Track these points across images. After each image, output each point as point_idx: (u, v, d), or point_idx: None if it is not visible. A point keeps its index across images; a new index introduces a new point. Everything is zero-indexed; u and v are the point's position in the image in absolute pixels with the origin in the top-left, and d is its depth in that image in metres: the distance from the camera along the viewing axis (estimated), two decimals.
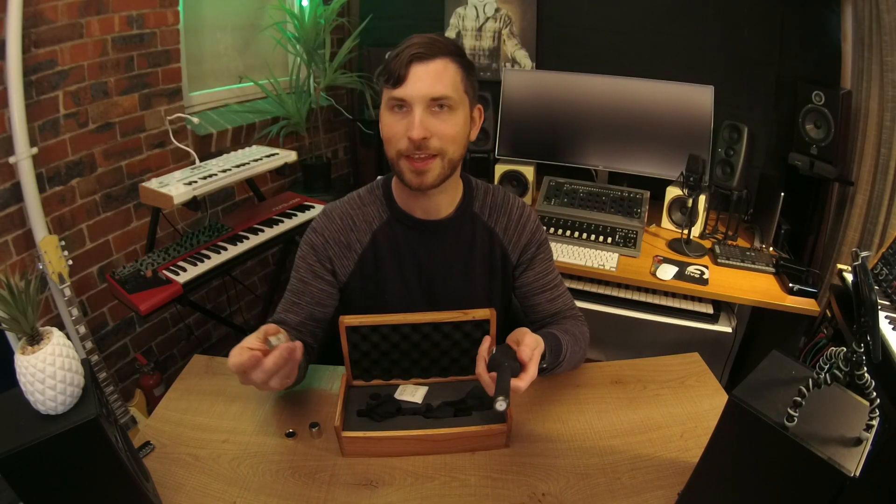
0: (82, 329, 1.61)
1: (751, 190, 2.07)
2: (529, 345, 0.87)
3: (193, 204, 1.72)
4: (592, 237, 2.00)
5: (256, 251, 1.88)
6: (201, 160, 2.01)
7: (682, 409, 1.04)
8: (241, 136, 2.35)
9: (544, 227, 1.18)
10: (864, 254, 0.66)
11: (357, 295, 1.12)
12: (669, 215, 2.13)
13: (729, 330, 1.82)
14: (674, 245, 2.00)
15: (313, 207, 2.12)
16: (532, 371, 0.85)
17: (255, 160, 1.98)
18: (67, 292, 1.56)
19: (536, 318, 1.18)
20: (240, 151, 2.09)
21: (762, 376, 0.72)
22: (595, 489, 0.88)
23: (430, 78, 0.92)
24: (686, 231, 1.97)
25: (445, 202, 1.08)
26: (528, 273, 1.15)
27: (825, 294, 1.82)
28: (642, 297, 1.91)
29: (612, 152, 2.22)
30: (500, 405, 0.76)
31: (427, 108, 0.93)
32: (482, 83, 1.07)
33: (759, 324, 1.90)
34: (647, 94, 2.11)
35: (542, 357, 0.92)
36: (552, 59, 2.48)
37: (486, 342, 0.89)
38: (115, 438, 0.73)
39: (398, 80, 0.92)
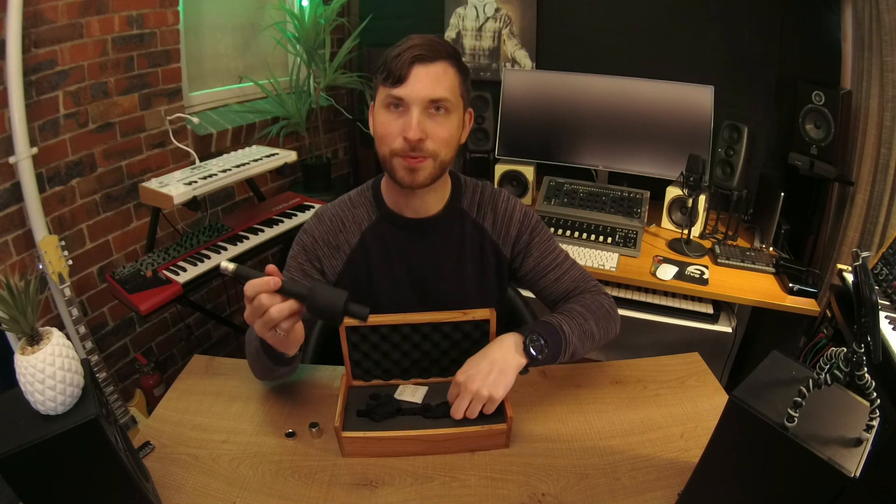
0: (82, 329, 1.61)
1: (751, 190, 2.07)
2: (451, 393, 0.97)
3: (193, 204, 1.72)
4: (592, 237, 2.00)
5: (256, 251, 1.88)
6: (201, 160, 2.01)
7: (682, 409, 1.04)
8: (241, 136, 2.35)
9: (533, 212, 1.17)
10: (864, 254, 0.66)
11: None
12: (669, 215, 2.13)
13: (729, 330, 1.82)
14: (674, 245, 2.00)
15: (313, 207, 2.12)
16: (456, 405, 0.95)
17: (255, 160, 1.99)
18: (67, 292, 1.56)
19: (549, 302, 1.17)
20: (240, 151, 2.09)
21: (762, 376, 0.72)
22: (595, 489, 0.88)
23: (430, 80, 0.93)
24: (686, 231, 1.97)
25: (434, 200, 1.08)
26: (527, 260, 1.14)
27: (825, 294, 1.82)
28: (642, 297, 1.91)
29: (611, 152, 2.22)
30: None
31: (424, 109, 0.94)
32: (482, 83, 1.08)
33: (759, 324, 1.90)
34: (647, 94, 2.11)
35: (535, 345, 0.96)
36: (552, 59, 2.47)
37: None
38: (115, 438, 0.73)
39: (398, 80, 0.92)
